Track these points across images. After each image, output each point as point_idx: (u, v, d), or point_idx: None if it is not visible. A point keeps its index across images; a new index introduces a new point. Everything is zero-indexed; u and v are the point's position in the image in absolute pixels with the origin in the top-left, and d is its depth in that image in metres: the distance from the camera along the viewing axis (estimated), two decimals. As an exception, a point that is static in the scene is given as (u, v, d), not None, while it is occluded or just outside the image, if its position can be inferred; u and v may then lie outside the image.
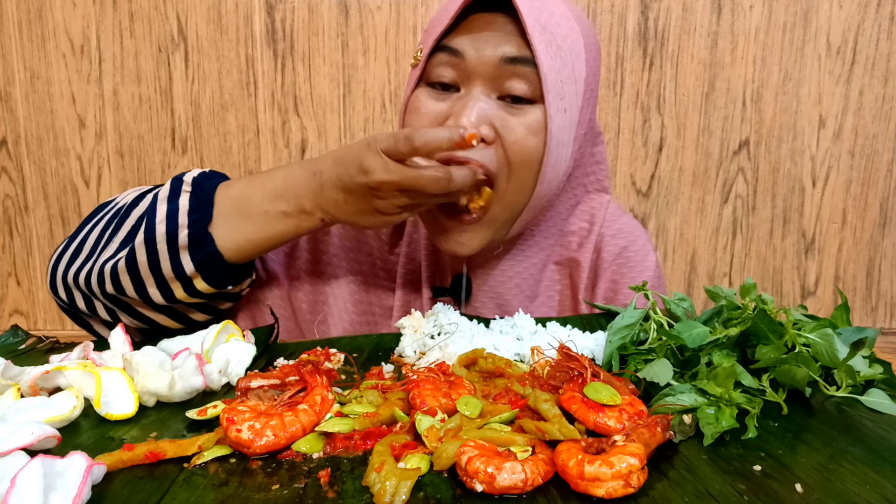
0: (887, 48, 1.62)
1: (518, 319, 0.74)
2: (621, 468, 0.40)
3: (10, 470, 0.39)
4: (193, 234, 0.67)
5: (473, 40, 0.70)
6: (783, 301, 1.73)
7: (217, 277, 0.70)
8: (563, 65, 0.70)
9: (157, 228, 0.68)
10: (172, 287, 0.69)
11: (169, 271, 0.68)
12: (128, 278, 0.69)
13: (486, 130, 0.69)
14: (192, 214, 0.68)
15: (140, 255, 0.68)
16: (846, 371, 0.56)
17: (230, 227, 0.68)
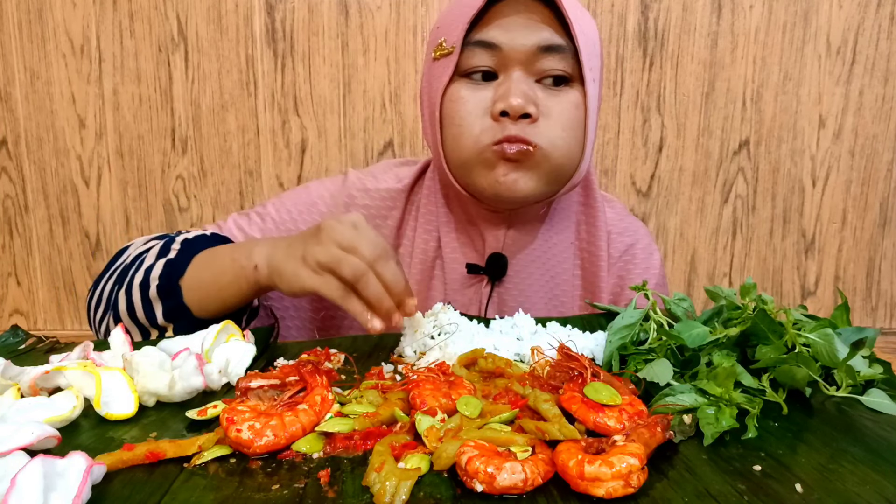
0: (887, 48, 1.62)
1: (518, 319, 0.74)
2: (621, 468, 0.40)
3: (10, 470, 0.39)
4: (162, 286, 0.72)
5: (506, 30, 0.72)
6: (783, 301, 1.73)
7: (185, 330, 0.71)
8: (590, 45, 0.75)
9: (133, 280, 0.74)
10: (151, 333, 0.74)
11: (144, 319, 0.73)
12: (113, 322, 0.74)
13: (532, 108, 0.73)
14: (167, 268, 0.73)
15: (121, 305, 0.74)
16: (846, 371, 0.56)
17: (195, 277, 0.72)
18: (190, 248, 0.75)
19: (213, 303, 0.72)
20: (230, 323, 0.67)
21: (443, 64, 0.76)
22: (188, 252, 0.74)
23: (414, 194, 0.89)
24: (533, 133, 0.73)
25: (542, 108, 0.74)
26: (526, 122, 0.72)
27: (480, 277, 0.87)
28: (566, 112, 0.74)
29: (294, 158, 1.65)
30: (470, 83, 0.75)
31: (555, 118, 0.74)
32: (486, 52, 0.73)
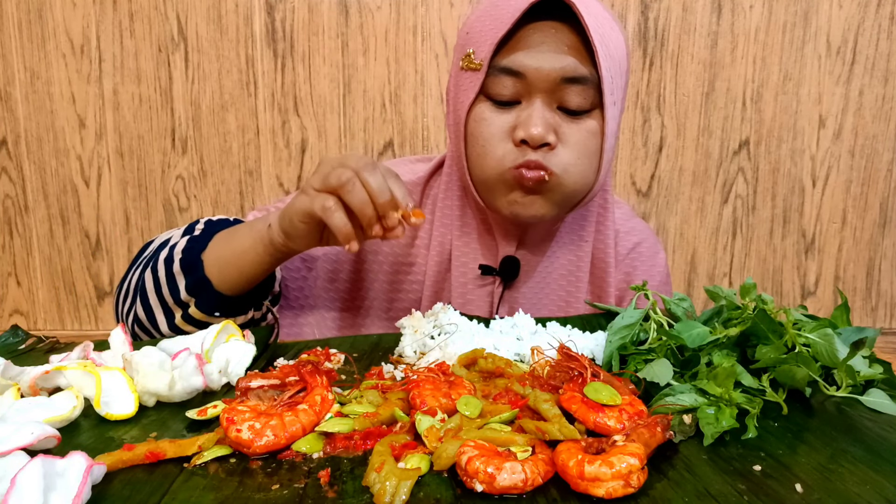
0: (887, 48, 1.62)
1: (518, 319, 0.74)
2: (621, 468, 0.40)
3: (10, 470, 0.39)
4: (186, 259, 0.73)
5: (532, 58, 0.74)
6: (783, 301, 1.74)
7: (207, 303, 0.74)
8: (615, 67, 0.76)
9: (158, 257, 0.75)
10: (175, 312, 0.75)
11: (168, 295, 0.74)
12: (142, 309, 0.76)
13: (551, 138, 0.75)
14: (190, 243, 0.74)
15: (148, 283, 0.75)
16: (846, 371, 0.56)
17: (216, 252, 0.73)
18: (213, 227, 0.77)
19: (232, 272, 0.72)
20: (230, 323, 0.67)
21: (469, 78, 0.78)
22: (211, 230, 0.76)
23: (429, 188, 0.91)
24: (550, 160, 0.76)
25: (561, 134, 0.76)
26: (545, 150, 0.76)
27: (493, 278, 0.89)
28: (583, 141, 0.77)
29: (294, 158, 1.65)
30: (494, 105, 0.78)
31: (572, 146, 0.77)
32: (511, 78, 0.75)
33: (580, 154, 0.77)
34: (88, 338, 0.66)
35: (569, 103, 0.75)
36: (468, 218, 0.88)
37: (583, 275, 0.90)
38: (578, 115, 0.76)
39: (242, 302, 0.76)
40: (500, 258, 0.88)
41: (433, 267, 0.89)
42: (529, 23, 0.74)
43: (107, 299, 1.73)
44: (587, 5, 0.74)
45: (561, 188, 0.78)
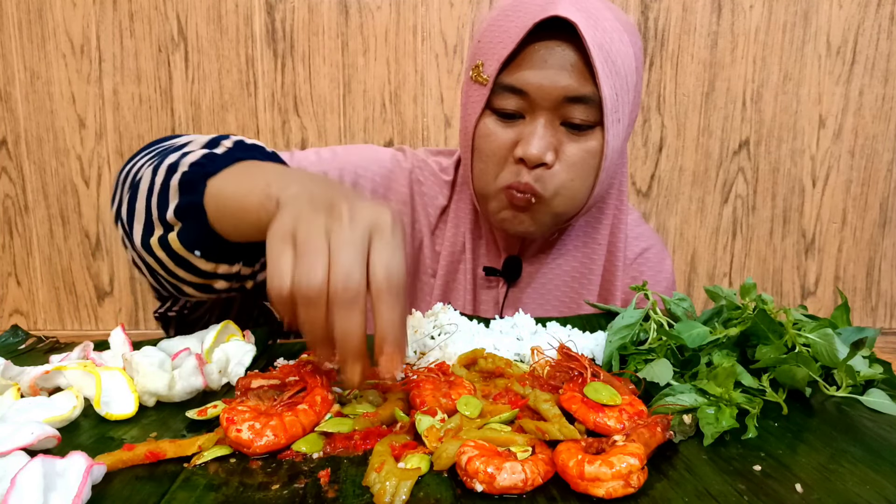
0: (887, 48, 1.62)
1: (518, 319, 0.74)
2: (621, 468, 0.40)
3: (10, 470, 0.39)
4: (189, 176, 0.59)
5: (535, 76, 0.75)
6: (783, 301, 1.73)
7: (190, 234, 0.60)
8: (620, 83, 0.76)
9: (164, 161, 0.62)
10: (154, 229, 0.62)
11: (154, 207, 0.61)
12: (126, 209, 0.64)
13: (549, 157, 0.77)
14: (203, 159, 0.61)
15: (142, 183, 0.63)
16: (846, 371, 0.56)
17: (223, 184, 0.58)
18: (238, 152, 0.63)
19: (229, 218, 0.58)
20: (230, 323, 0.67)
21: (477, 91, 0.80)
22: (236, 153, 0.62)
23: (454, 187, 0.93)
24: (544, 181, 0.78)
25: (561, 153, 0.78)
26: (541, 170, 0.77)
27: (498, 279, 0.91)
28: (581, 161, 0.78)
29: (294, 158, 1.65)
30: (499, 120, 0.79)
31: (569, 166, 0.78)
32: (515, 96, 0.77)
33: (576, 175, 0.79)
34: (88, 338, 0.66)
35: (571, 120, 0.77)
36: (480, 221, 0.91)
37: (594, 277, 0.92)
38: (581, 130, 0.77)
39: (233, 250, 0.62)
40: (504, 258, 0.90)
41: (444, 267, 0.90)
42: (537, 39, 0.75)
43: (107, 299, 1.73)
44: (595, 19, 0.74)
45: (549, 209, 0.80)
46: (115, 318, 1.73)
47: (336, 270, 0.43)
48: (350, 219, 0.45)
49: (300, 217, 0.45)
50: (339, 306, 0.43)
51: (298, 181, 0.53)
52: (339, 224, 0.45)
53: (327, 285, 0.44)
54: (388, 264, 0.44)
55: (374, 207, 0.46)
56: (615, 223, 0.91)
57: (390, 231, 0.46)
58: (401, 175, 0.91)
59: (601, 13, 0.75)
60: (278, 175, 0.55)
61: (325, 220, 0.45)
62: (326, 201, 0.47)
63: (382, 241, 0.45)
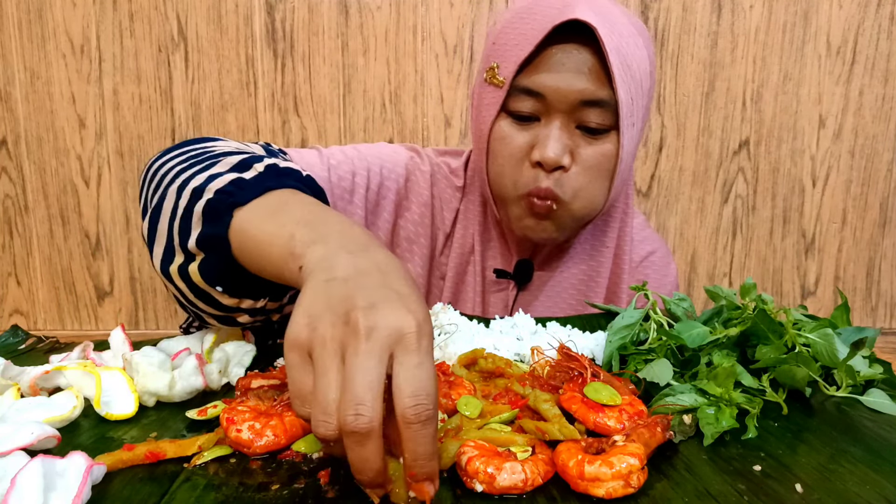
0: (887, 48, 1.61)
1: (518, 319, 0.74)
2: (621, 468, 0.40)
3: (10, 470, 0.39)
4: (214, 204, 0.54)
5: (552, 79, 0.75)
6: (783, 301, 1.73)
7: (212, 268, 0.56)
8: (635, 88, 0.77)
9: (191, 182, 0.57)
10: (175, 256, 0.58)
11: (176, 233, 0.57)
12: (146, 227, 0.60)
13: (566, 160, 0.77)
14: (231, 186, 0.55)
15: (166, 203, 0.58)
16: (846, 371, 0.56)
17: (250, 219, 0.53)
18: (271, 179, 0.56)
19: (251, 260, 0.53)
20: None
21: (492, 93, 0.79)
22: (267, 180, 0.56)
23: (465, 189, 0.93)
24: (562, 184, 0.78)
25: (577, 155, 0.78)
26: (559, 173, 0.78)
27: (508, 283, 0.91)
28: (598, 164, 0.79)
29: (294, 158, 1.65)
30: (514, 122, 0.79)
31: (586, 169, 0.78)
32: (531, 98, 0.77)
33: (592, 178, 0.79)
34: (88, 338, 0.66)
35: (587, 123, 0.77)
36: (489, 223, 0.90)
37: (602, 280, 0.92)
38: (597, 133, 0.77)
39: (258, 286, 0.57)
40: (515, 261, 0.90)
41: (453, 269, 0.90)
42: (553, 42, 0.75)
43: (107, 299, 1.73)
44: (611, 24, 0.74)
45: (570, 213, 0.80)
46: (115, 318, 1.73)
47: (346, 400, 0.37)
48: (367, 332, 0.38)
49: (316, 328, 0.39)
50: (349, 439, 0.37)
51: (323, 241, 0.46)
52: (355, 340, 0.38)
53: None
54: (414, 388, 0.37)
55: (397, 311, 0.39)
56: (622, 227, 0.91)
57: (416, 343, 0.38)
58: (421, 178, 0.90)
59: (616, 17, 0.75)
60: (305, 227, 0.48)
61: (342, 333, 0.38)
62: (345, 301, 0.39)
63: (407, 357, 0.38)
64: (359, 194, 0.85)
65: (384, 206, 0.88)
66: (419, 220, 0.90)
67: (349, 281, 0.41)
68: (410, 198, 0.89)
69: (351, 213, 0.84)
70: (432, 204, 0.90)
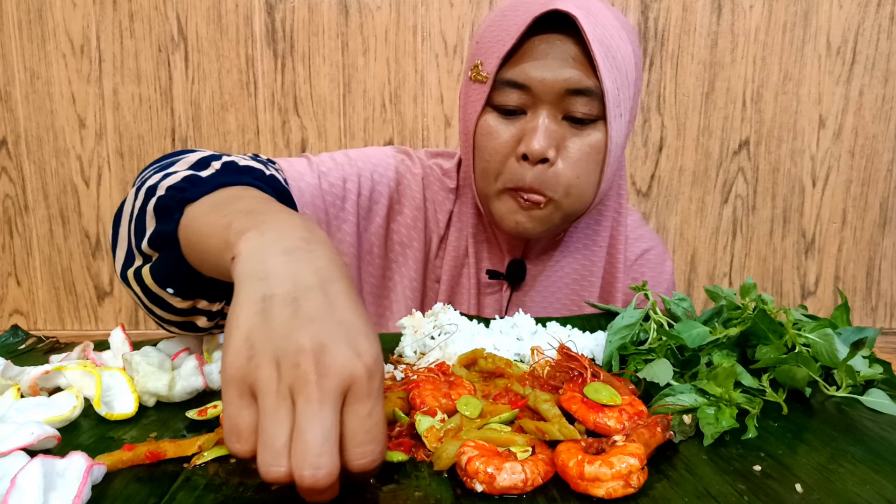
0: (887, 48, 1.62)
1: (518, 319, 0.74)
2: (621, 468, 0.40)
3: (10, 470, 0.39)
4: (164, 200, 0.54)
5: (537, 69, 0.75)
6: (783, 301, 1.73)
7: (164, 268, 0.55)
8: (621, 78, 0.76)
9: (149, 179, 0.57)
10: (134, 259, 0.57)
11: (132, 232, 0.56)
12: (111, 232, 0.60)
13: (552, 153, 0.76)
14: (183, 183, 0.54)
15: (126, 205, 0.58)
16: (846, 371, 0.56)
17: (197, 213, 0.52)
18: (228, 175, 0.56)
19: (196, 256, 0.51)
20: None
21: (477, 89, 0.79)
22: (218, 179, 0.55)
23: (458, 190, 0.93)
24: (550, 182, 0.77)
25: (564, 148, 0.77)
26: (545, 166, 0.77)
27: (502, 283, 0.90)
28: (586, 156, 0.78)
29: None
30: (500, 116, 0.79)
31: (573, 161, 0.77)
32: (516, 91, 0.76)
33: (581, 170, 0.78)
34: (88, 338, 0.66)
35: (574, 113, 0.76)
36: (483, 224, 0.90)
37: (595, 279, 0.91)
38: (584, 124, 0.77)
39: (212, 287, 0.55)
40: (507, 261, 0.90)
41: (448, 272, 0.90)
42: (535, 34, 0.75)
43: (107, 299, 1.73)
44: (594, 16, 0.74)
45: (558, 209, 0.80)
46: (115, 318, 1.73)
47: (303, 453, 0.34)
48: (319, 380, 0.35)
49: (259, 366, 0.36)
50: (306, 491, 0.36)
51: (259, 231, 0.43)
52: (306, 387, 0.35)
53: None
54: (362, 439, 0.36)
55: (346, 354, 0.36)
56: (615, 225, 0.90)
57: (366, 388, 0.36)
58: (413, 181, 0.90)
59: (600, 11, 0.75)
60: (244, 216, 0.46)
61: (291, 377, 0.35)
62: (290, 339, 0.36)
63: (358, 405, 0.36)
64: (350, 200, 0.85)
65: (376, 212, 0.88)
66: (412, 224, 0.89)
67: (289, 307, 0.37)
68: (403, 202, 0.89)
69: (343, 219, 0.85)
70: (425, 207, 0.90)
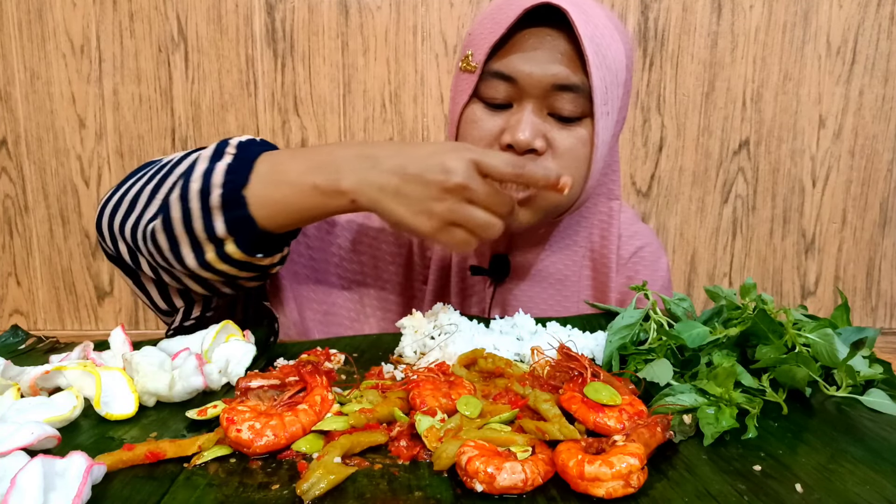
0: (887, 48, 1.62)
1: (518, 319, 0.74)
2: (621, 468, 0.40)
3: (10, 470, 0.39)
4: (227, 195, 0.65)
5: (525, 62, 0.74)
6: (783, 301, 1.73)
7: (248, 243, 0.66)
8: (610, 76, 0.75)
9: (191, 186, 0.66)
10: (205, 249, 0.67)
11: (201, 231, 0.66)
12: (164, 237, 0.68)
13: (539, 143, 0.75)
14: (229, 175, 0.65)
15: (174, 212, 0.66)
16: (846, 371, 0.56)
17: (264, 192, 0.65)
18: (248, 153, 0.68)
19: (285, 218, 0.66)
20: (230, 323, 0.67)
21: (466, 79, 0.79)
22: (246, 157, 0.67)
23: None
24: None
25: (551, 140, 0.76)
26: (531, 157, 0.76)
27: (485, 279, 0.89)
28: (572, 150, 0.77)
29: (294, 158, 1.65)
30: (486, 107, 0.78)
31: (560, 154, 0.77)
32: (503, 83, 0.76)
33: (567, 164, 0.77)
34: (88, 338, 0.66)
35: (560, 110, 0.75)
36: None
37: (578, 279, 0.90)
38: (570, 121, 0.76)
39: (284, 237, 0.71)
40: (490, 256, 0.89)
41: (435, 272, 0.89)
42: (527, 27, 0.74)
43: (107, 299, 1.73)
44: (586, 12, 0.73)
45: (546, 201, 0.78)
46: (115, 318, 1.73)
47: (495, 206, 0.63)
48: (456, 173, 0.62)
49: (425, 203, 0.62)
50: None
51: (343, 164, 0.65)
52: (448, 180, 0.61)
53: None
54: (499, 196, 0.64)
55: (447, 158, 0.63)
56: (605, 224, 0.89)
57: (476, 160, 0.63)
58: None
59: (592, 9, 0.75)
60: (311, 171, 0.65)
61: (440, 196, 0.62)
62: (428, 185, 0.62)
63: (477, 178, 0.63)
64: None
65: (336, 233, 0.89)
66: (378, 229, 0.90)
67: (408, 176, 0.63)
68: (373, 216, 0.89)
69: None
70: None
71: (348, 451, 0.46)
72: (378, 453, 0.47)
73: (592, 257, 0.91)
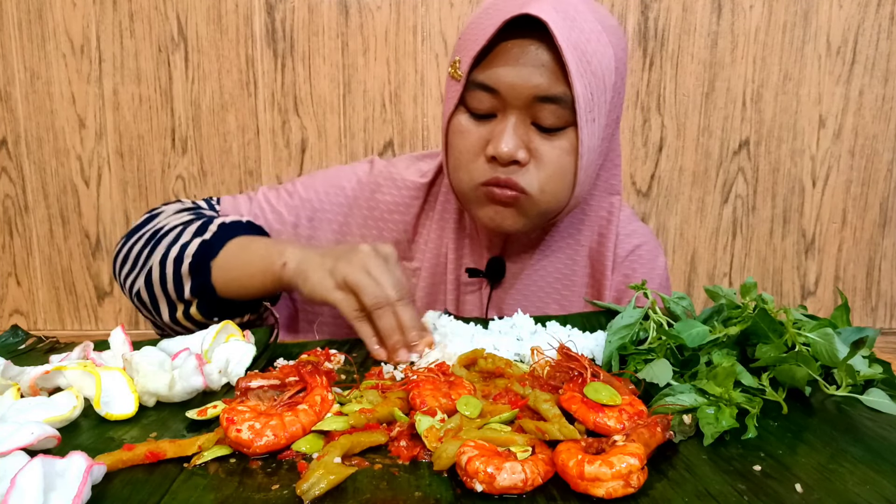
0: (887, 48, 1.62)
1: (518, 319, 0.74)
2: (621, 468, 0.40)
3: (10, 470, 0.39)
4: (194, 264, 0.77)
5: (507, 74, 0.74)
6: (783, 301, 1.74)
7: (207, 307, 0.78)
8: (596, 83, 0.75)
9: (170, 253, 0.79)
10: (177, 306, 0.80)
11: (172, 291, 0.78)
12: (146, 294, 0.81)
13: (522, 154, 0.76)
14: (202, 247, 0.78)
15: (154, 274, 0.79)
16: (846, 371, 0.56)
17: (225, 263, 0.77)
18: (226, 233, 0.80)
19: (236, 287, 0.77)
20: (230, 323, 0.67)
21: (454, 86, 0.79)
22: (224, 236, 0.79)
23: (433, 190, 0.92)
24: (523, 179, 0.77)
25: (535, 151, 0.77)
26: (515, 168, 0.76)
27: (482, 281, 0.89)
28: (556, 159, 0.77)
29: (294, 158, 1.65)
30: (472, 117, 0.79)
31: (544, 164, 0.77)
32: (487, 94, 0.76)
33: (553, 172, 0.77)
34: (88, 338, 0.66)
35: (543, 121, 0.75)
36: (465, 221, 0.89)
37: (577, 278, 0.90)
38: (553, 131, 0.76)
39: (242, 306, 0.80)
40: (487, 259, 0.89)
41: (428, 269, 0.90)
42: (511, 37, 0.74)
43: (107, 299, 1.73)
44: (572, 19, 0.73)
45: (536, 206, 0.79)
46: (115, 318, 1.73)
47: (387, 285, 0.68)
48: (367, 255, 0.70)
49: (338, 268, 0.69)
50: (402, 305, 0.68)
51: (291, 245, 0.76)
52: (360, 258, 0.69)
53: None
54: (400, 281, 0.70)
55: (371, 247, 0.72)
56: (603, 223, 0.89)
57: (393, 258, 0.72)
58: (361, 198, 0.91)
59: (581, 14, 0.74)
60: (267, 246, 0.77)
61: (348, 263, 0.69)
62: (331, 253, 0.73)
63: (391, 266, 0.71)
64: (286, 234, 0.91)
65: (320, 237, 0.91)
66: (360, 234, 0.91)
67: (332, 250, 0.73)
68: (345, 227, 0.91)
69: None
70: (376, 221, 0.91)
71: (348, 451, 0.46)
72: (378, 453, 0.47)
73: (590, 255, 0.91)
